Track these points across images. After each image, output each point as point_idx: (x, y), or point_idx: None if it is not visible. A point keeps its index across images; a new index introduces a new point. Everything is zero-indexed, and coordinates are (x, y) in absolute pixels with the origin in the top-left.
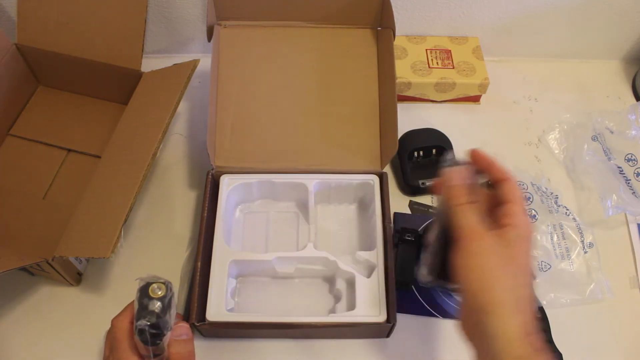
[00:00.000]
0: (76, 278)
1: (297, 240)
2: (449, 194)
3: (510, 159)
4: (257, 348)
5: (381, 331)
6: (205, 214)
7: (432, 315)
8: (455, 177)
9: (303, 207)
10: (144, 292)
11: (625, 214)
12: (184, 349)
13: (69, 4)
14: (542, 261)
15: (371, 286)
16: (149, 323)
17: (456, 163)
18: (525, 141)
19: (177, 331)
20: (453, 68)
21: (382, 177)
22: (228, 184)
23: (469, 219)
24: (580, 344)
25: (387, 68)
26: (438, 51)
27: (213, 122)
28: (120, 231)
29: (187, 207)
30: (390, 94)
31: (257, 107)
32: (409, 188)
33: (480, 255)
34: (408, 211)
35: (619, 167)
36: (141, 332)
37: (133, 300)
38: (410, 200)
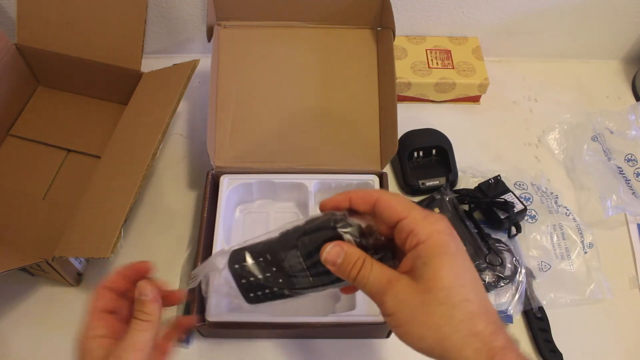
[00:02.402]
0: (76, 278)
1: None
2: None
3: (510, 159)
4: (257, 348)
5: (381, 331)
6: (205, 214)
7: None
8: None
9: (303, 207)
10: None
11: (625, 214)
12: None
13: (69, 4)
14: (542, 261)
15: None
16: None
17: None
18: (525, 141)
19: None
20: (453, 68)
21: (382, 177)
22: (228, 184)
23: (374, 278)
24: (580, 344)
25: (387, 68)
26: (438, 51)
27: (213, 122)
28: (120, 231)
29: (187, 207)
30: (390, 94)
31: (257, 107)
32: (409, 188)
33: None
34: None
35: (618, 167)
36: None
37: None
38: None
